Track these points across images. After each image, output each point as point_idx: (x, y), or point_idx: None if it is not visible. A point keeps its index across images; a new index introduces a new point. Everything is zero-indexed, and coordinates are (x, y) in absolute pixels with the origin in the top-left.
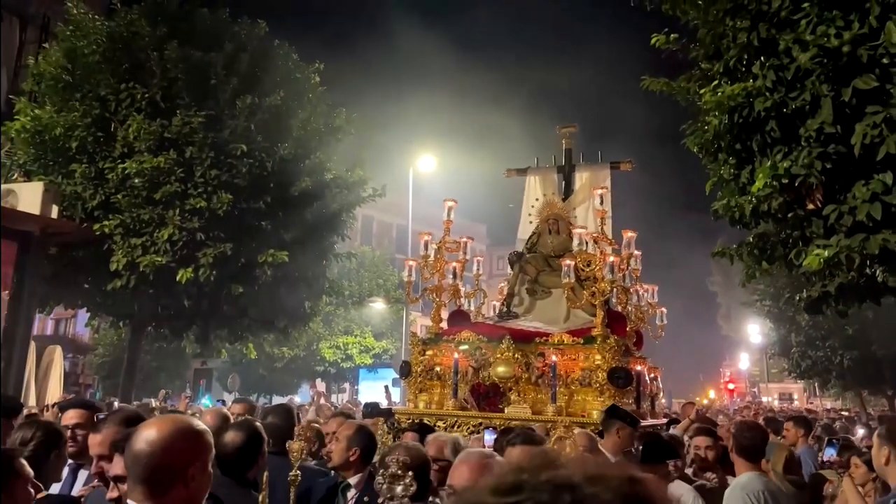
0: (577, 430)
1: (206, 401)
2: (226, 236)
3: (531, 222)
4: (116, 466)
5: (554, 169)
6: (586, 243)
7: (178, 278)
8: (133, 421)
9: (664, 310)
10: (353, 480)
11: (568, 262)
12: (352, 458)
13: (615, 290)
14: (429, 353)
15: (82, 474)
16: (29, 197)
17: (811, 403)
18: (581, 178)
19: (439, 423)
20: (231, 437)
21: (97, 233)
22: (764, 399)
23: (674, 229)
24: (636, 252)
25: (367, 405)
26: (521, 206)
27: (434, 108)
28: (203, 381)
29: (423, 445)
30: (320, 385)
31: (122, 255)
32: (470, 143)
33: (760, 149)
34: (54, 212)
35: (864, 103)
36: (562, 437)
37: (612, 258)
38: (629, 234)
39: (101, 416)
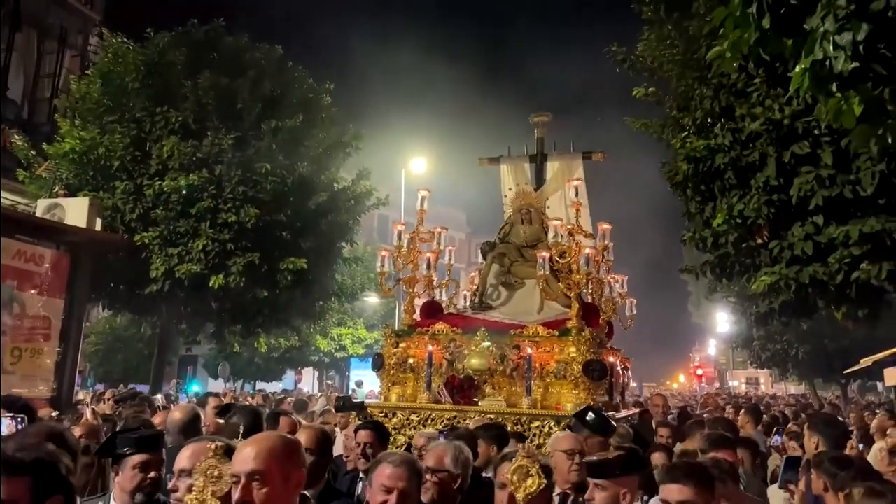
0: (559, 435)
1: (196, 388)
2: (252, 246)
3: (504, 212)
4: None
5: (526, 158)
6: (561, 235)
7: (210, 284)
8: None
9: (634, 301)
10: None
11: (543, 253)
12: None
13: (590, 281)
14: (402, 345)
15: None
16: (75, 211)
17: (775, 389)
18: (553, 167)
19: (413, 417)
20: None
21: (138, 244)
22: (732, 383)
23: (645, 214)
24: (610, 244)
25: (339, 398)
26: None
27: (413, 94)
28: (190, 367)
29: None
30: (306, 374)
31: (160, 263)
32: (450, 129)
33: (720, 191)
34: (98, 224)
35: (801, 163)
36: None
37: (588, 250)
38: (605, 227)
39: None
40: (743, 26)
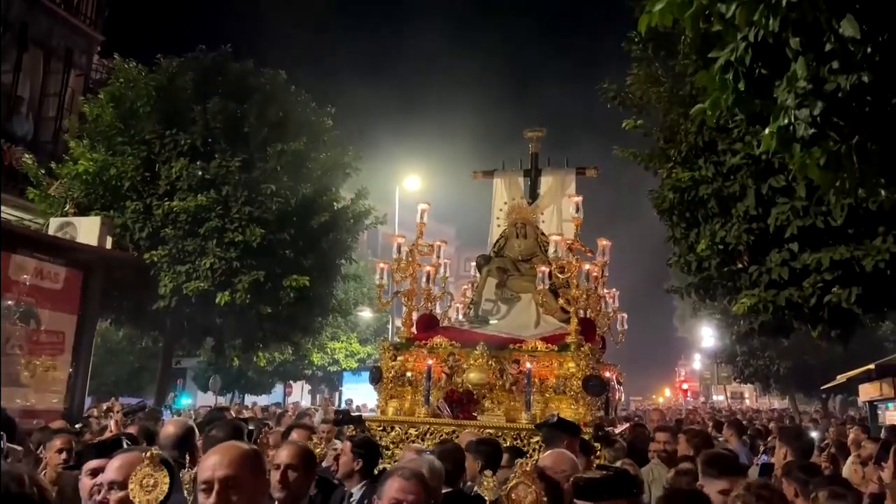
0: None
1: (187, 401)
2: (257, 264)
3: (499, 226)
4: None
5: (520, 172)
6: (560, 250)
7: (216, 301)
8: None
9: (625, 315)
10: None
11: (542, 268)
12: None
13: (589, 297)
14: (400, 358)
15: None
16: (87, 229)
17: (759, 403)
18: (547, 182)
19: (411, 431)
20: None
21: (147, 261)
22: (717, 398)
23: (631, 227)
24: (608, 260)
25: (337, 412)
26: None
27: (404, 113)
28: (180, 380)
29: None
30: (296, 387)
31: (169, 280)
32: (439, 145)
33: (703, 219)
34: (109, 243)
35: (777, 195)
36: None
37: (587, 266)
38: (604, 243)
39: None
40: (721, 89)
